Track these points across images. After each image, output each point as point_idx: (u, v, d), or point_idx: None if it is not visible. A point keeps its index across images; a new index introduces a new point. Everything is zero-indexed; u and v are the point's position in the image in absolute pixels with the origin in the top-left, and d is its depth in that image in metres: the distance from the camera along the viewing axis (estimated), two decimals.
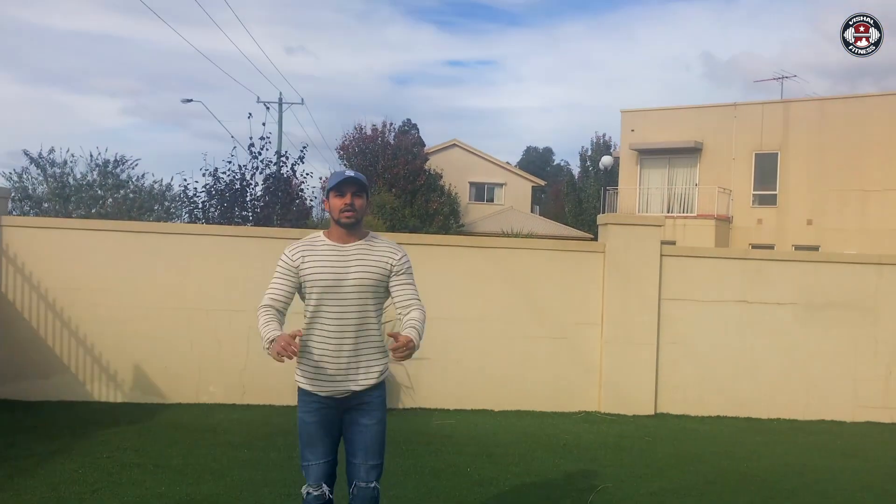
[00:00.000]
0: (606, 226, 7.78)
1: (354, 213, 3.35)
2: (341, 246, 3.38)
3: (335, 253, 3.37)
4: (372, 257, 3.38)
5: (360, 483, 3.37)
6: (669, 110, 28.23)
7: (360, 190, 3.37)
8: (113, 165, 25.44)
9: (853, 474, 5.82)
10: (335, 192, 3.36)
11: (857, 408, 7.78)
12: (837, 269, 7.93)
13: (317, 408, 3.39)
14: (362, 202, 3.39)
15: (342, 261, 3.34)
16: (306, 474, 3.45)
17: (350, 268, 3.33)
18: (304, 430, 3.42)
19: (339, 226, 3.39)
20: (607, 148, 39.95)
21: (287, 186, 17.74)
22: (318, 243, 3.42)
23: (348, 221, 3.36)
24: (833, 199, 24.24)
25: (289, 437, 6.14)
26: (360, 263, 3.35)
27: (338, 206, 3.36)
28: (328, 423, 3.41)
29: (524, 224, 31.17)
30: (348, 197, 3.34)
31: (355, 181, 3.36)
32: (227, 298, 7.34)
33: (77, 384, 7.23)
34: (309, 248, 3.40)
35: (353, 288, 3.32)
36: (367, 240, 3.44)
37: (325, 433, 3.41)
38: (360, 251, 3.38)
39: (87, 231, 7.51)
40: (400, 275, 3.41)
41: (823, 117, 24.67)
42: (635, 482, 5.39)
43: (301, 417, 3.43)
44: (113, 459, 5.37)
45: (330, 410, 3.39)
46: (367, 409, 3.40)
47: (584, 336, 7.68)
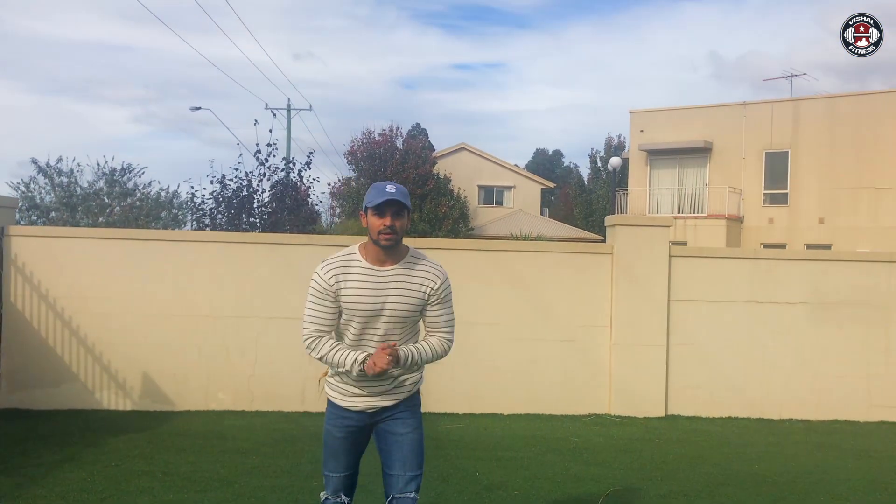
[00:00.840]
0: (614, 227, 7.74)
1: (394, 236, 3.11)
2: (378, 270, 3.16)
3: (371, 278, 3.15)
4: (410, 285, 3.19)
5: (399, 496, 3.20)
6: (679, 110, 28.13)
7: (402, 209, 3.13)
8: (120, 174, 25.60)
9: (866, 474, 5.76)
10: (374, 212, 3.10)
11: (871, 407, 7.71)
12: (848, 267, 7.87)
13: (346, 424, 3.28)
14: (403, 223, 3.14)
15: (379, 288, 3.14)
16: (326, 483, 3.38)
17: (388, 296, 3.15)
18: (331, 442, 3.33)
19: (376, 245, 3.15)
20: (620, 149, 39.86)
21: (295, 192, 17.79)
22: (353, 264, 3.17)
23: (388, 245, 3.12)
24: (844, 197, 24.09)
25: (297, 444, 6.14)
26: (397, 292, 3.16)
27: (376, 227, 3.10)
28: (355, 439, 3.32)
29: (533, 227, 31.14)
30: (388, 218, 3.08)
31: (395, 201, 3.09)
32: (235, 305, 7.35)
33: (86, 392, 7.25)
34: (343, 270, 3.15)
35: (390, 316, 3.17)
36: (406, 262, 3.21)
37: (350, 448, 3.32)
38: (398, 277, 3.17)
39: (95, 240, 7.54)
40: (436, 302, 3.26)
41: (833, 115, 24.53)
42: (645, 485, 5.35)
43: (328, 430, 3.33)
44: (121, 468, 5.38)
45: (360, 425, 3.29)
46: (402, 418, 3.28)
47: (593, 338, 7.64)
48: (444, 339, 3.31)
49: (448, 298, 3.31)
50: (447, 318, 3.32)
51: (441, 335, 3.31)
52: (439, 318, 3.29)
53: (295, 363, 7.26)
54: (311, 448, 6.01)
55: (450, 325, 3.34)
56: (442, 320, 3.30)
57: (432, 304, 3.25)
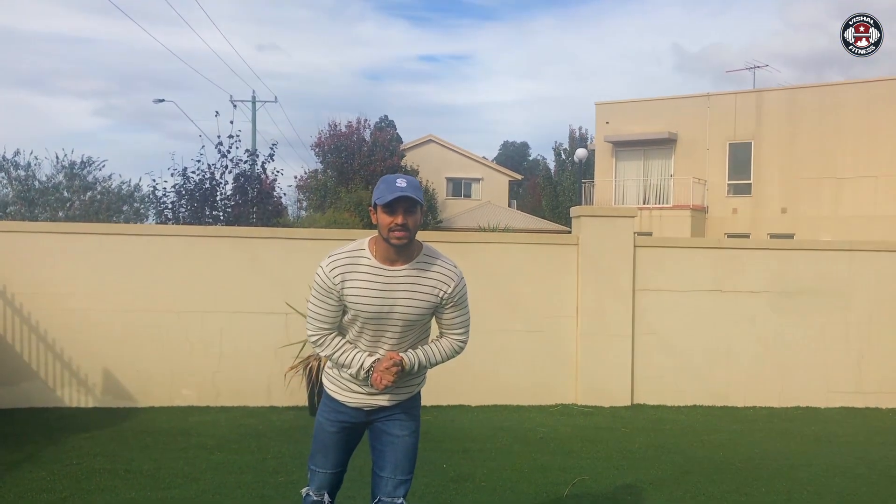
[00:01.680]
0: (579, 218, 7.77)
1: (407, 234, 2.89)
2: (388, 270, 2.96)
3: (380, 279, 2.94)
4: (422, 287, 3.00)
5: (386, 499, 3.11)
6: (643, 102, 28.36)
7: (414, 206, 2.89)
8: (80, 167, 25.19)
9: (827, 459, 5.86)
10: (384, 209, 2.88)
11: (831, 393, 7.84)
12: (810, 256, 7.98)
13: (340, 419, 3.14)
14: (416, 219, 2.92)
15: (388, 289, 2.95)
16: (311, 478, 3.23)
17: (397, 298, 2.96)
18: (322, 436, 3.18)
19: (387, 243, 2.93)
20: (583, 141, 40.10)
21: (259, 185, 17.63)
22: (361, 262, 2.96)
23: (399, 244, 2.90)
24: (807, 187, 24.48)
25: (263, 440, 6.08)
26: (408, 294, 2.97)
27: (387, 225, 2.87)
28: (348, 435, 3.19)
29: (501, 218, 31.21)
30: (400, 216, 2.86)
31: (407, 197, 2.86)
32: (199, 300, 7.25)
33: (47, 390, 7.12)
34: (350, 268, 2.94)
35: (399, 319, 2.99)
36: (419, 261, 3.01)
37: (342, 444, 3.19)
38: (409, 278, 2.98)
39: (55, 234, 7.38)
40: (450, 305, 3.09)
41: (795, 106, 24.90)
42: (612, 473, 5.39)
43: (321, 422, 3.18)
44: (83, 466, 5.28)
45: (355, 422, 3.16)
46: (399, 420, 3.15)
47: (559, 329, 7.67)
48: (457, 341, 3.18)
49: (463, 301, 3.14)
50: (462, 320, 3.16)
51: (454, 337, 3.17)
52: (453, 320, 3.15)
53: (260, 358, 7.20)
54: (277, 444, 5.97)
55: (464, 326, 3.18)
56: (456, 322, 3.15)
57: (447, 308, 3.09)
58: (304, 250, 7.23)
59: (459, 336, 3.18)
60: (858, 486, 5.24)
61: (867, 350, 7.86)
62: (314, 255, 2.83)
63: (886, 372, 7.86)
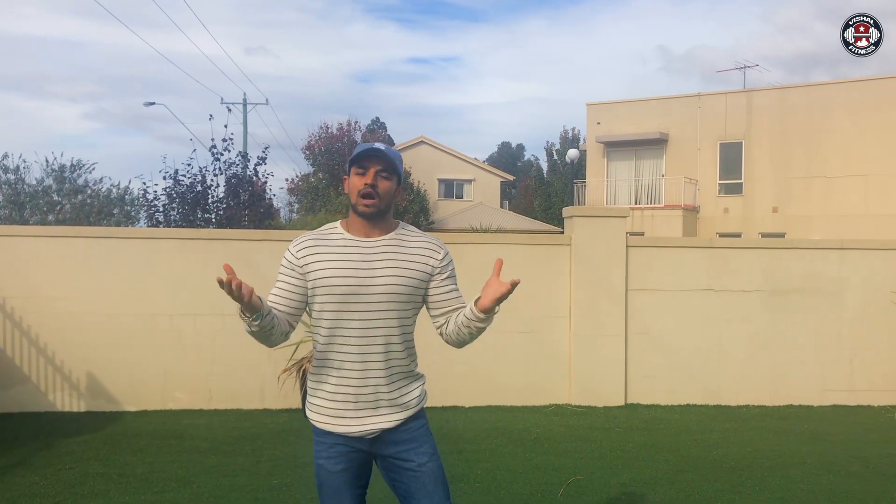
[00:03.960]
0: (572, 218, 7.78)
1: (377, 201, 2.52)
2: (363, 241, 2.57)
3: (355, 250, 2.55)
4: (406, 256, 2.59)
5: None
6: (635, 102, 28.40)
7: (389, 169, 2.55)
8: (70, 170, 25.12)
9: (820, 457, 5.88)
10: (356, 168, 2.54)
11: (823, 391, 7.87)
12: (801, 254, 8.01)
13: (343, 451, 2.61)
14: (389, 186, 2.56)
15: (365, 261, 2.54)
16: None
17: (376, 270, 2.53)
18: (327, 481, 2.63)
19: (359, 216, 2.57)
20: (575, 142, 40.18)
21: (251, 187, 17.60)
22: (332, 237, 2.60)
23: (367, 211, 2.53)
24: (797, 186, 24.58)
25: (257, 442, 6.06)
26: (390, 265, 2.55)
27: (357, 187, 2.53)
28: (357, 471, 2.65)
29: (494, 219, 31.18)
30: (371, 174, 2.51)
31: (382, 155, 2.53)
32: (191, 302, 7.23)
33: (39, 395, 7.08)
34: (318, 244, 2.58)
35: (380, 297, 2.52)
36: (399, 233, 2.63)
37: (354, 481, 2.66)
38: (389, 248, 2.58)
39: (45, 238, 7.35)
40: (442, 278, 2.66)
41: (785, 106, 25.00)
42: (606, 473, 5.39)
43: (321, 465, 2.63)
44: (75, 470, 5.25)
45: (359, 454, 2.63)
46: (412, 446, 2.63)
47: (553, 329, 7.68)
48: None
49: (454, 273, 2.72)
50: (460, 295, 2.73)
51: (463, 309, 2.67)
52: (454, 291, 2.70)
53: (253, 360, 7.18)
54: (271, 446, 5.95)
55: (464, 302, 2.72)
56: (456, 295, 2.70)
57: (442, 278, 2.65)
58: None
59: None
60: (851, 483, 5.26)
61: (859, 348, 7.89)
62: None
63: (878, 370, 7.90)
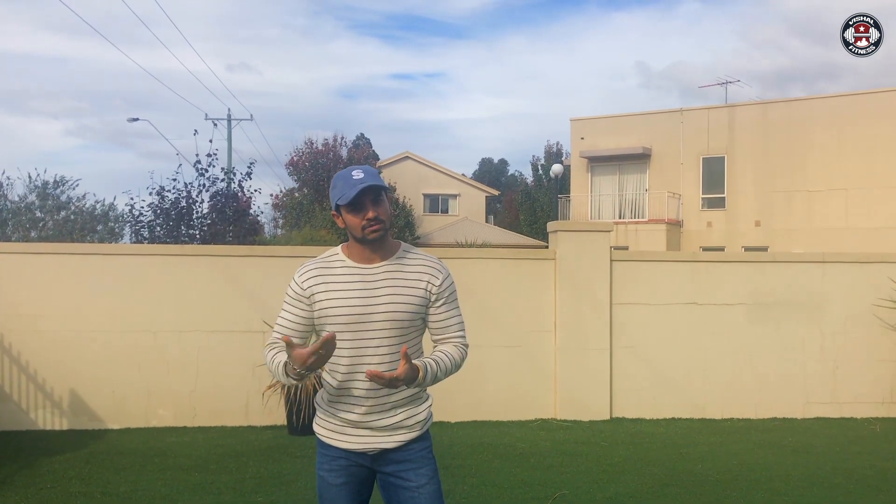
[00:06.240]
0: (556, 233, 7.81)
1: (382, 226, 2.60)
2: (365, 268, 2.65)
3: (358, 277, 2.63)
4: (406, 282, 2.65)
5: None
6: (618, 118, 28.62)
7: (379, 194, 2.60)
8: (52, 187, 24.98)
9: (803, 470, 5.91)
10: (349, 209, 2.59)
11: (807, 404, 7.91)
12: (784, 268, 8.08)
13: (344, 466, 2.68)
14: (386, 207, 2.63)
15: (367, 288, 2.61)
16: None
17: (379, 297, 2.61)
18: (327, 493, 2.70)
19: (362, 244, 2.64)
20: (559, 156, 40.40)
21: (236, 203, 17.56)
22: (335, 265, 2.67)
23: (376, 237, 2.60)
24: (779, 200, 24.81)
25: (241, 460, 6.02)
26: (391, 291, 2.62)
27: (358, 224, 2.58)
28: (358, 486, 2.71)
29: (479, 234, 31.28)
30: (369, 210, 2.57)
31: (369, 188, 2.56)
32: (175, 319, 7.19)
33: (20, 413, 7.00)
34: (323, 272, 2.65)
35: (382, 324, 2.60)
36: (399, 257, 2.70)
37: (352, 498, 2.71)
38: (390, 274, 2.65)
39: (28, 255, 7.29)
40: (441, 301, 2.71)
41: (766, 121, 25.27)
42: (592, 487, 5.40)
43: (322, 477, 2.71)
44: (57, 489, 5.20)
45: (360, 469, 2.70)
46: (412, 466, 2.69)
47: (538, 343, 7.69)
48: (461, 345, 2.78)
49: (454, 297, 2.78)
50: (458, 320, 2.78)
51: (455, 339, 2.77)
52: (449, 319, 2.75)
53: (238, 377, 7.14)
54: (256, 463, 5.91)
55: (462, 328, 2.80)
56: (453, 322, 2.76)
57: (437, 304, 2.71)
58: (282, 268, 7.18)
59: (461, 339, 2.79)
60: (836, 495, 5.29)
61: (842, 360, 7.94)
62: (291, 273, 2.75)
63: (861, 382, 7.95)
